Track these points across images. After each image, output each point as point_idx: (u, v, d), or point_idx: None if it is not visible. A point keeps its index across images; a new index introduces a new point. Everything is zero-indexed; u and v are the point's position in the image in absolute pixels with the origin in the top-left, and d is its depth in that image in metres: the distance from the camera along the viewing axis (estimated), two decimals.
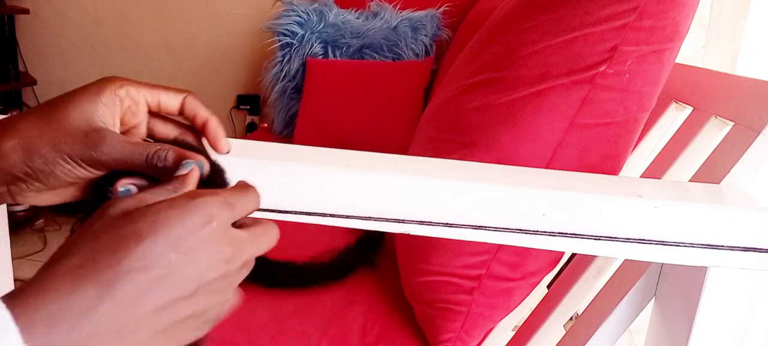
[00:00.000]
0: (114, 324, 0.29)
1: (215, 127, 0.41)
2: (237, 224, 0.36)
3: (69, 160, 0.36)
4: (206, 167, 0.39)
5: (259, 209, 0.41)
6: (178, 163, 0.37)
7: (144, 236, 0.30)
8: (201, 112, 0.41)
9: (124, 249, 0.29)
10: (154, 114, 0.42)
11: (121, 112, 0.39)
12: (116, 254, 0.29)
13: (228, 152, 0.42)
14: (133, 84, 0.39)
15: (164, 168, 0.37)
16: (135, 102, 0.40)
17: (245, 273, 0.37)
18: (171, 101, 0.41)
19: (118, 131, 0.38)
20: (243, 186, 0.38)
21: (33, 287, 0.28)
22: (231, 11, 2.25)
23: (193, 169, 0.37)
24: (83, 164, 0.36)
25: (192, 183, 0.37)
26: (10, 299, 0.27)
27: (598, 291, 0.68)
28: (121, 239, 0.30)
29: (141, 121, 0.41)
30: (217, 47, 2.30)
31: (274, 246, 0.42)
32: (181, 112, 0.41)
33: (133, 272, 0.29)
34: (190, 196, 0.33)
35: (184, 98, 0.41)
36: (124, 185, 0.37)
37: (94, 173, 0.37)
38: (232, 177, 0.48)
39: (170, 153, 0.37)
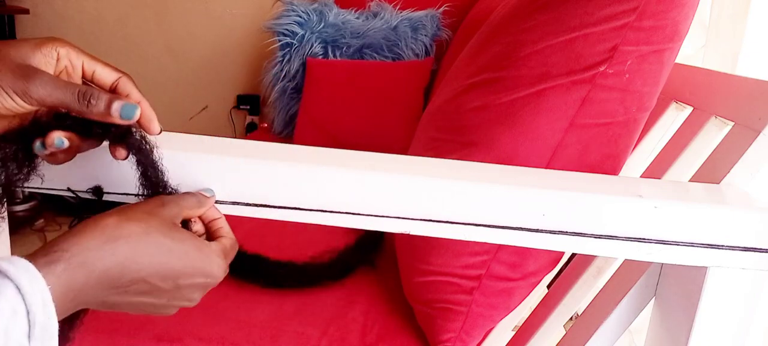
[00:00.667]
0: (99, 302, 0.38)
1: (147, 110, 0.45)
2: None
3: (2, 91, 0.39)
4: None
5: (264, 206, 0.49)
6: (108, 107, 0.41)
7: (164, 262, 0.40)
8: (134, 93, 0.44)
9: (147, 267, 0.39)
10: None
11: (57, 70, 0.42)
12: (142, 268, 0.39)
13: (160, 133, 0.46)
14: (74, 48, 0.43)
15: (94, 111, 0.41)
16: (72, 65, 0.43)
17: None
18: (106, 76, 0.44)
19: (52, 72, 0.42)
20: (235, 246, 0.47)
21: (63, 251, 0.36)
22: (231, 11, 2.25)
23: (212, 198, 0.47)
24: (16, 96, 0.40)
25: (212, 202, 0.47)
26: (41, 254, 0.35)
27: (598, 291, 0.68)
28: (150, 255, 0.39)
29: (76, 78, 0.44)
30: (217, 47, 2.30)
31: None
32: (113, 90, 0.44)
33: (140, 282, 0.39)
34: (213, 252, 0.43)
35: (119, 78, 0.44)
36: (59, 136, 0.41)
37: (27, 108, 0.41)
38: (232, 177, 0.48)
39: (102, 96, 0.41)
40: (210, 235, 0.47)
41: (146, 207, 0.41)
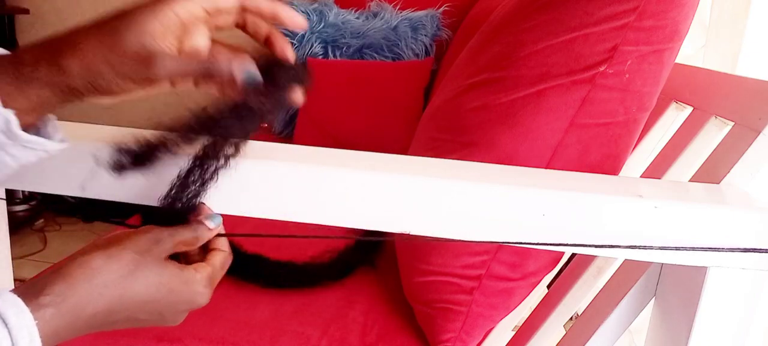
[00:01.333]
0: (89, 327, 0.39)
1: (278, 38, 0.45)
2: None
3: (126, 79, 0.39)
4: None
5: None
6: (230, 70, 0.41)
7: (149, 300, 0.41)
8: (264, 7, 0.44)
9: (132, 306, 0.40)
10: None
11: (179, 28, 0.41)
12: (127, 308, 0.40)
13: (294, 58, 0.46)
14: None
15: (218, 75, 0.41)
16: (191, 13, 0.41)
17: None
18: (229, 1, 0.43)
19: (174, 49, 0.41)
20: (227, 261, 0.48)
21: (60, 284, 0.37)
22: None
23: (218, 227, 0.46)
24: (139, 82, 0.40)
25: (211, 235, 0.46)
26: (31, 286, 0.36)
27: (598, 291, 0.68)
28: (135, 297, 0.40)
29: (200, 38, 0.43)
30: None
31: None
32: (243, 7, 0.44)
33: (125, 314, 0.40)
34: (197, 283, 0.43)
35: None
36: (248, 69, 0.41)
37: (149, 89, 0.41)
38: (230, 176, 0.48)
39: (223, 62, 0.41)
40: (206, 245, 0.47)
41: (137, 246, 0.41)
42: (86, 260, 0.39)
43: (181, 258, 0.46)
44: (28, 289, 0.36)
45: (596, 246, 0.47)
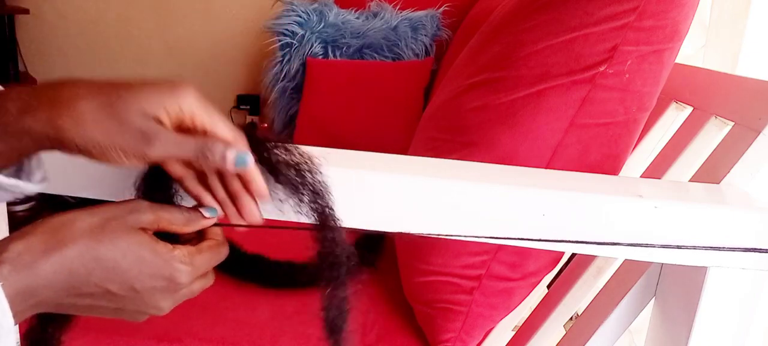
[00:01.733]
0: (57, 304, 0.38)
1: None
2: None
3: (120, 152, 0.38)
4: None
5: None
6: (223, 157, 0.40)
7: (118, 271, 0.38)
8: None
9: (99, 273, 0.38)
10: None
11: (176, 122, 0.40)
12: (91, 273, 0.37)
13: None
14: (196, 100, 0.41)
15: (210, 163, 0.40)
16: (190, 119, 0.41)
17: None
18: (221, 132, 0.42)
19: (171, 130, 0.40)
20: (216, 248, 0.44)
21: (23, 253, 0.35)
22: (231, 11, 2.25)
23: (213, 219, 0.43)
24: (131, 157, 0.39)
25: (205, 225, 0.43)
26: None
27: (598, 291, 0.68)
28: (106, 266, 0.38)
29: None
30: (217, 47, 2.30)
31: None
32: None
33: (94, 289, 0.38)
34: (174, 258, 0.40)
35: (238, 136, 0.42)
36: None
37: (141, 164, 0.40)
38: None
39: (216, 147, 0.40)
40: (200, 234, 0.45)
41: (111, 211, 0.39)
42: (52, 217, 0.38)
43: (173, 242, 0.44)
44: None
45: (596, 236, 0.47)
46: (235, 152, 0.40)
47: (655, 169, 0.73)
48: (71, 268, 0.37)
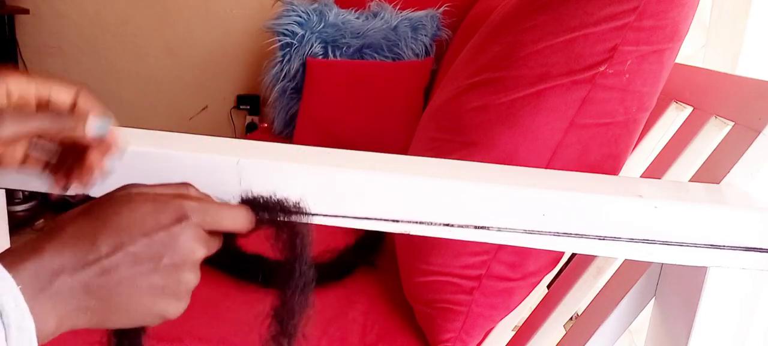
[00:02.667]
0: (80, 285, 0.35)
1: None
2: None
3: None
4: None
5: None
6: (83, 128, 0.40)
7: (121, 220, 0.36)
8: (96, 106, 0.43)
9: (103, 230, 0.36)
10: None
11: (12, 104, 0.40)
12: (96, 232, 0.36)
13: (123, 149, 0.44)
14: (22, 76, 0.41)
15: (75, 133, 0.40)
16: (25, 95, 0.41)
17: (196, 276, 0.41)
18: (63, 94, 0.42)
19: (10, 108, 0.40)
20: (231, 205, 0.42)
21: (30, 244, 0.35)
22: (231, 11, 2.25)
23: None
24: None
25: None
26: (7, 253, 0.34)
27: (598, 291, 0.68)
28: (106, 220, 0.36)
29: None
30: (217, 47, 2.30)
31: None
32: (74, 106, 0.43)
33: (105, 249, 0.36)
34: (175, 196, 0.39)
35: (78, 92, 0.42)
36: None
37: None
38: (230, 176, 0.48)
39: (78, 119, 0.40)
40: None
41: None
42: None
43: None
44: (5, 252, 0.34)
45: (596, 236, 0.47)
46: (96, 120, 0.40)
47: (655, 170, 0.73)
48: (75, 234, 0.36)
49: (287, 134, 1.85)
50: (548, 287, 0.82)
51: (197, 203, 0.39)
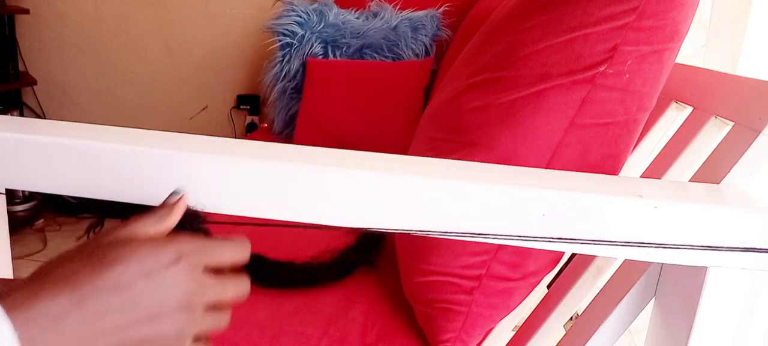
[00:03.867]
0: (79, 332, 0.34)
1: None
2: (214, 270, 0.41)
3: None
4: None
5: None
6: None
7: (120, 262, 0.36)
8: None
9: (100, 271, 0.35)
10: None
11: None
12: (93, 274, 0.35)
13: None
14: None
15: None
16: None
17: (211, 321, 0.42)
18: None
19: None
20: (227, 237, 0.42)
21: (24, 287, 0.34)
22: (231, 11, 2.25)
23: (182, 198, 0.42)
24: None
25: (179, 211, 0.42)
26: (5, 296, 0.33)
27: (598, 291, 0.68)
28: (102, 261, 0.36)
29: None
30: (217, 47, 2.30)
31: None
32: None
33: (104, 292, 0.35)
34: (171, 238, 0.39)
35: None
36: None
37: None
38: (231, 176, 0.48)
39: None
40: None
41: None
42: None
43: None
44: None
45: (596, 236, 0.47)
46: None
47: (655, 169, 0.73)
48: (68, 277, 0.35)
49: (287, 134, 1.85)
50: (548, 287, 0.82)
51: (192, 245, 0.39)
